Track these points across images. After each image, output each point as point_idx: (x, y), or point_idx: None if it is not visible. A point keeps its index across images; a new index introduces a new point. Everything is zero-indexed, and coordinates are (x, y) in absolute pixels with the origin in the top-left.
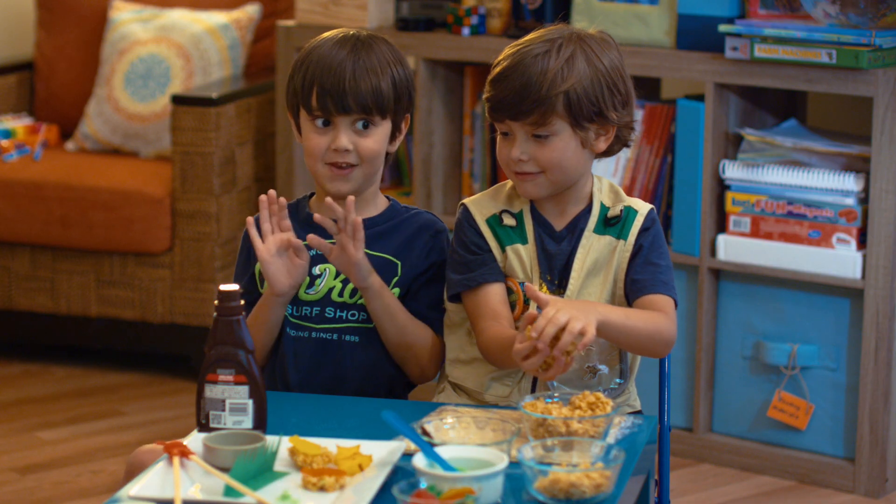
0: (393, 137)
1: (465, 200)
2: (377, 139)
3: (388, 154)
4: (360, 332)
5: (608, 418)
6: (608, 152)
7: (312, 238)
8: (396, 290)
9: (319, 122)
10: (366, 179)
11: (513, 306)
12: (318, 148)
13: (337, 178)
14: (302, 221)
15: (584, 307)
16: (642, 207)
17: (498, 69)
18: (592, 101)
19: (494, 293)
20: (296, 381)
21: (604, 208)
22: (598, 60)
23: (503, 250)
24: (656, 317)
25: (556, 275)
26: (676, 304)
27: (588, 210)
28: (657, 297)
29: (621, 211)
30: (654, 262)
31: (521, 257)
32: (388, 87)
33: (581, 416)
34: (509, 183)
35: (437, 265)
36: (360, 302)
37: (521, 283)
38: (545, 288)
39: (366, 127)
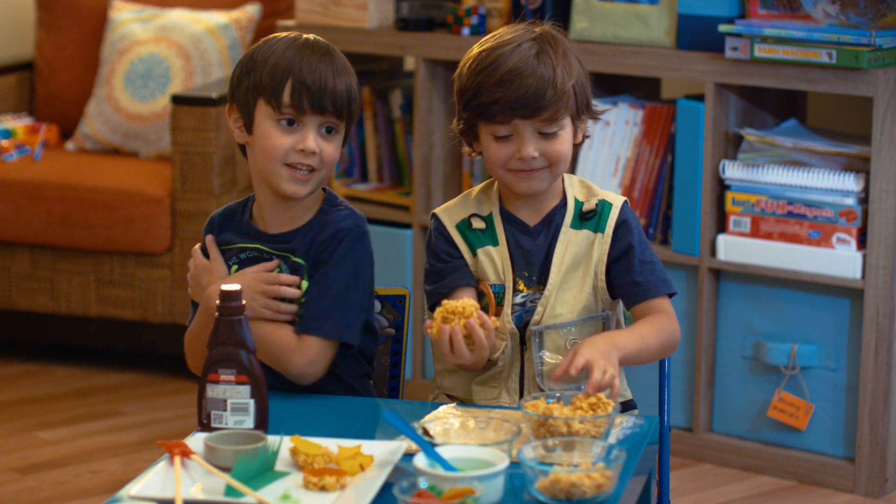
0: (342, 145)
1: (436, 210)
2: (337, 146)
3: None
4: None
5: (609, 419)
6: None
7: None
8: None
9: (285, 120)
10: (319, 184)
11: (485, 310)
12: (281, 147)
13: (298, 181)
14: (241, 231)
15: (603, 347)
16: (616, 200)
17: (502, 71)
18: (586, 92)
19: (464, 296)
20: None
21: (578, 203)
22: (576, 55)
23: (474, 254)
24: (665, 324)
25: (535, 270)
26: (674, 293)
27: (562, 205)
28: (660, 300)
29: (596, 205)
30: (649, 259)
31: (493, 259)
32: (354, 91)
33: (582, 417)
34: (477, 188)
35: (322, 263)
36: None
37: (494, 287)
38: (522, 284)
39: (329, 132)
